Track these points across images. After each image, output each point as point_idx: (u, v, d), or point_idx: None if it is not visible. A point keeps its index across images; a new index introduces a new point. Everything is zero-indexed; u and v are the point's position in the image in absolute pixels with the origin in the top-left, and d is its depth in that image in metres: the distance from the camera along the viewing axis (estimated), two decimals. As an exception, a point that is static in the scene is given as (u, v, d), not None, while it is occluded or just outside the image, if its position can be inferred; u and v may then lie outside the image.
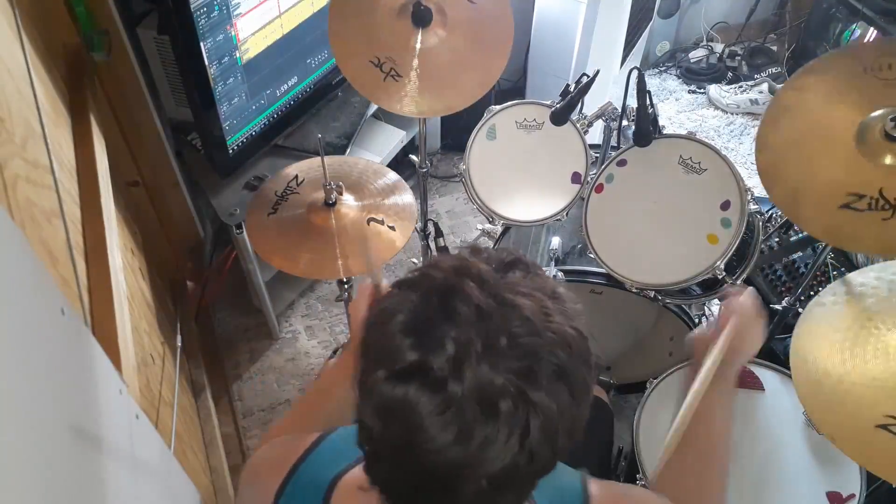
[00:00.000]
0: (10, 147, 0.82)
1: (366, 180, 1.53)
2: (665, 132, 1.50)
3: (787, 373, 1.44)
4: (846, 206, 1.02)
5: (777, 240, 1.81)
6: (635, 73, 1.46)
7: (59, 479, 0.57)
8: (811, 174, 1.08)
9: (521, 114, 1.62)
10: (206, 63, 1.55)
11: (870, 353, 1.10)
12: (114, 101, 1.59)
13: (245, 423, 1.97)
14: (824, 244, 1.39)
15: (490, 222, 1.66)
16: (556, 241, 1.68)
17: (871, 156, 1.06)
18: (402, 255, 2.25)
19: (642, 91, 1.43)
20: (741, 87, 2.90)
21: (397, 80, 1.41)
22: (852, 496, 1.28)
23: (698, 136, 1.48)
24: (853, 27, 2.67)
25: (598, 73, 1.54)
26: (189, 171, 1.91)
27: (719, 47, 3.06)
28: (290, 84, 1.85)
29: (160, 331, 1.57)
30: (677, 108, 2.94)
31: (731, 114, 2.89)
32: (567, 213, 1.58)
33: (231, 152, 1.77)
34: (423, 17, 1.40)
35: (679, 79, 3.06)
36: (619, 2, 2.24)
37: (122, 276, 1.13)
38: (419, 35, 1.41)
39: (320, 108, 2.05)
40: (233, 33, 1.58)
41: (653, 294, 1.53)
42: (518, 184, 1.63)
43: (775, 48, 3.09)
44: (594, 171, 1.57)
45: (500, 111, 1.62)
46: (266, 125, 1.84)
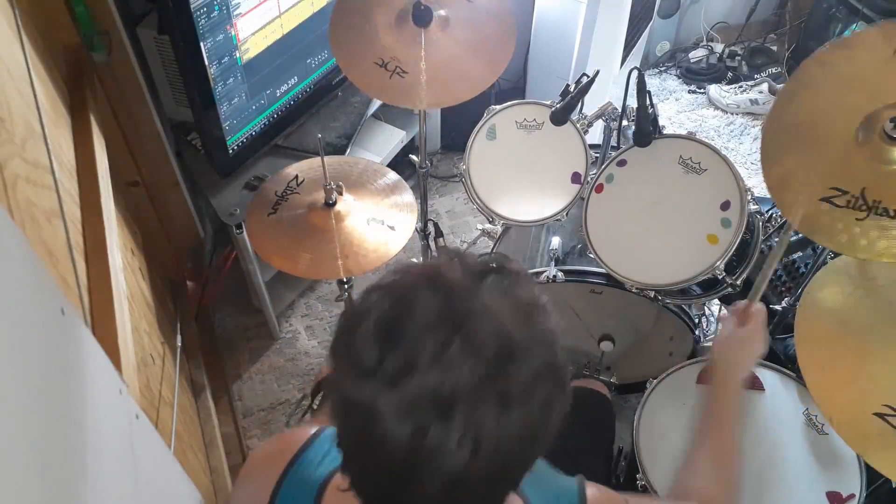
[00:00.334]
0: (10, 147, 0.82)
1: (366, 180, 1.53)
2: (665, 132, 1.50)
3: (788, 373, 1.44)
4: (826, 200, 1.01)
5: (777, 240, 1.80)
6: (635, 73, 1.46)
7: (59, 478, 0.57)
8: (806, 159, 1.07)
9: (521, 114, 1.62)
10: (206, 63, 1.55)
11: (874, 337, 1.09)
12: (114, 101, 1.59)
13: (245, 423, 1.97)
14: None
15: (490, 222, 1.66)
16: (556, 241, 1.68)
17: (867, 152, 1.05)
18: (402, 256, 2.25)
19: (642, 91, 1.43)
20: (741, 87, 2.90)
21: (403, 77, 1.42)
22: (852, 496, 1.28)
23: (698, 136, 1.48)
24: (853, 27, 2.67)
25: (598, 73, 1.54)
26: (189, 171, 1.91)
27: (719, 47, 3.06)
28: (290, 84, 1.85)
29: (160, 331, 1.57)
30: (677, 108, 2.94)
31: (731, 114, 2.89)
32: (567, 213, 1.58)
33: (231, 152, 1.77)
34: (423, 17, 1.40)
35: (679, 79, 3.06)
36: (619, 2, 2.24)
37: (122, 276, 1.13)
38: (422, 34, 1.42)
39: (320, 108, 2.05)
40: (233, 33, 1.58)
41: (653, 294, 1.53)
42: (518, 184, 1.63)
43: (775, 48, 3.09)
44: (594, 171, 1.57)
45: (500, 111, 1.62)
46: (266, 125, 1.84)
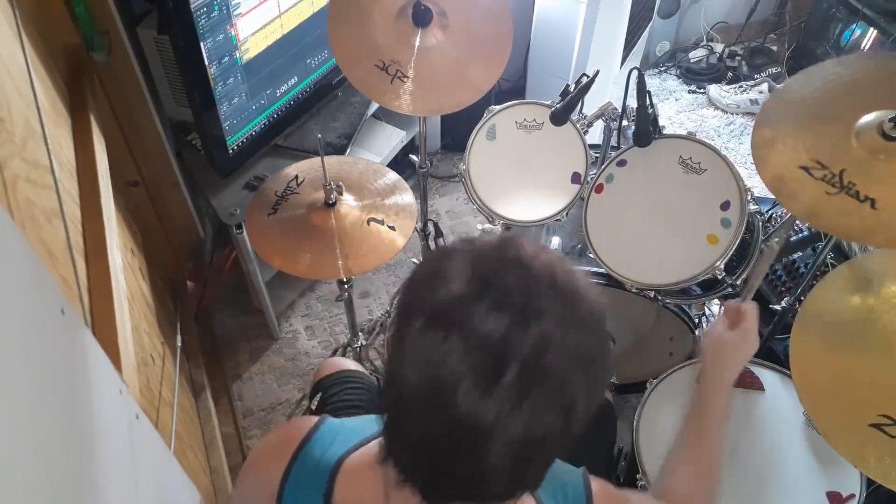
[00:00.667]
0: (10, 147, 0.82)
1: (366, 180, 1.53)
2: (665, 132, 1.50)
3: (787, 373, 1.44)
4: (805, 168, 1.07)
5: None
6: (635, 73, 1.46)
7: (59, 479, 0.57)
8: (800, 130, 1.11)
9: (521, 114, 1.62)
10: (206, 63, 1.55)
11: (868, 349, 1.10)
12: (114, 101, 1.59)
13: (245, 423, 1.97)
14: (824, 244, 1.39)
15: (490, 222, 1.66)
16: (556, 241, 1.68)
17: (862, 144, 1.08)
18: (402, 255, 2.25)
19: (642, 91, 1.43)
20: (741, 87, 2.90)
21: (405, 81, 1.42)
22: (852, 496, 1.28)
23: (698, 136, 1.48)
24: (853, 27, 2.67)
25: (598, 73, 1.54)
26: (189, 171, 1.91)
27: (719, 47, 3.06)
28: (290, 84, 1.85)
29: (160, 331, 1.57)
30: (677, 108, 2.94)
31: (731, 114, 2.89)
32: (567, 213, 1.58)
33: (231, 152, 1.77)
34: (423, 17, 1.40)
35: (679, 79, 3.06)
36: (619, 2, 2.24)
37: (122, 276, 1.13)
38: (420, 34, 1.42)
39: (320, 108, 2.05)
40: (233, 33, 1.58)
41: (653, 294, 1.53)
42: (518, 184, 1.63)
43: (775, 48, 3.09)
44: (594, 171, 1.57)
45: (500, 111, 1.62)
46: (266, 125, 1.84)
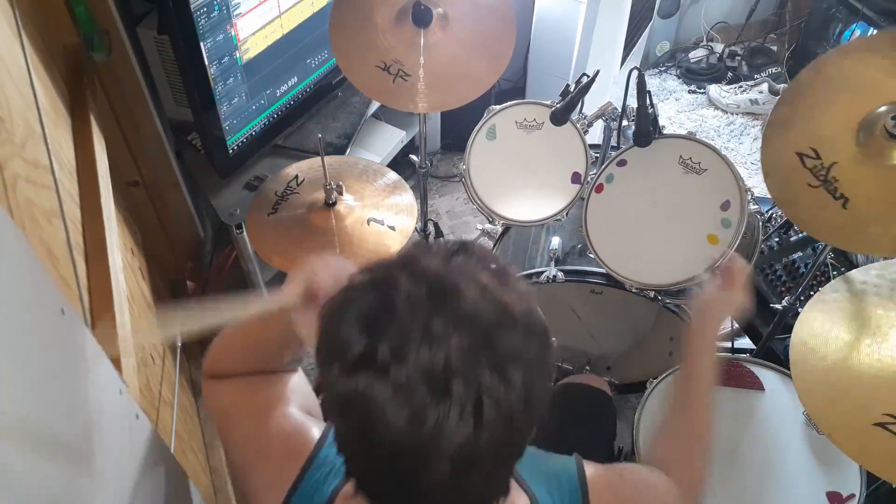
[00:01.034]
0: (10, 147, 0.82)
1: (366, 180, 1.53)
2: (665, 132, 1.50)
3: (788, 373, 1.44)
4: (800, 155, 1.12)
5: (777, 240, 1.81)
6: (635, 73, 1.46)
7: (59, 478, 0.57)
8: (805, 120, 1.14)
9: (521, 114, 1.62)
10: (206, 63, 1.55)
11: (870, 350, 1.10)
12: (114, 101, 1.59)
13: (245, 423, 1.97)
14: (824, 244, 1.39)
15: (490, 222, 1.66)
16: (556, 241, 1.68)
17: (864, 141, 1.10)
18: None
19: (642, 91, 1.43)
20: (741, 87, 2.90)
21: (407, 80, 1.42)
22: (852, 496, 1.28)
23: (698, 136, 1.48)
24: (853, 27, 2.67)
25: (598, 73, 1.54)
26: (189, 171, 1.90)
27: (719, 47, 3.06)
28: (290, 84, 1.85)
29: (160, 331, 1.57)
30: (677, 108, 2.94)
31: (731, 114, 2.89)
32: (567, 213, 1.57)
33: (231, 152, 1.77)
34: (423, 17, 1.40)
35: (679, 79, 3.06)
36: (619, 2, 2.24)
37: (122, 276, 1.12)
38: (421, 34, 1.42)
39: (320, 108, 2.05)
40: (233, 33, 1.58)
41: (653, 294, 1.53)
42: (518, 184, 1.63)
43: (775, 48, 3.09)
44: (594, 171, 1.57)
45: (500, 111, 1.62)
46: (266, 125, 1.84)
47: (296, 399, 0.83)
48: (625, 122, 1.63)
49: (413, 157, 1.78)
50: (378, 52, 1.42)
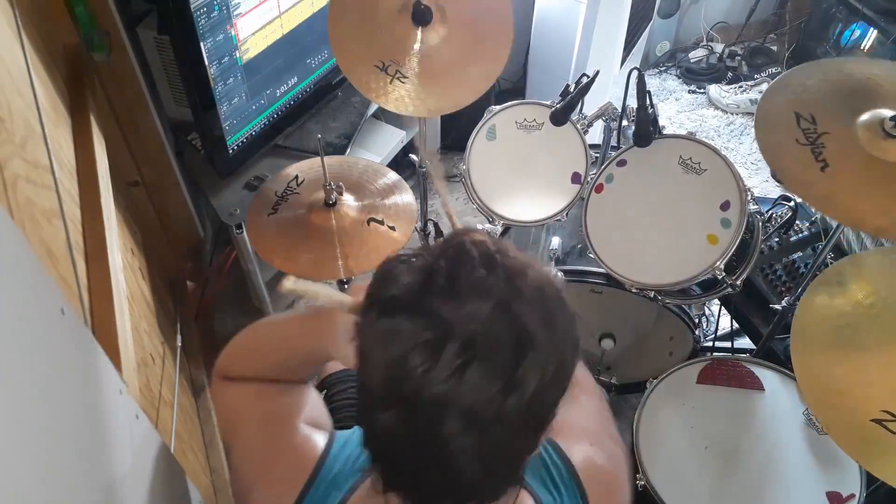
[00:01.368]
0: (10, 147, 0.82)
1: (366, 180, 1.53)
2: (665, 132, 1.50)
3: (787, 373, 1.44)
4: (798, 115, 1.16)
5: (777, 240, 1.81)
6: (635, 73, 1.46)
7: (59, 479, 0.57)
8: (818, 91, 1.18)
9: (521, 114, 1.62)
10: (206, 63, 1.55)
11: (870, 344, 1.10)
12: (114, 101, 1.59)
13: (245, 423, 1.97)
14: (824, 244, 1.39)
15: (490, 222, 1.66)
16: (556, 241, 1.68)
17: (864, 134, 1.12)
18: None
19: (642, 91, 1.43)
20: (741, 87, 2.91)
21: (404, 82, 1.41)
22: (852, 496, 1.28)
23: (698, 136, 1.48)
24: (853, 27, 2.67)
25: (598, 73, 1.54)
26: (189, 171, 1.90)
27: (719, 47, 3.06)
28: (290, 84, 1.85)
29: (160, 331, 1.57)
30: (677, 108, 2.94)
31: (731, 114, 2.90)
32: (567, 213, 1.58)
33: (231, 152, 1.77)
34: (423, 16, 1.40)
35: (679, 79, 3.06)
36: (619, 2, 2.24)
37: (122, 276, 1.12)
38: (420, 34, 1.42)
39: (320, 108, 2.05)
40: (233, 33, 1.58)
41: (653, 294, 1.53)
42: (518, 184, 1.63)
43: (775, 48, 3.09)
44: (594, 171, 1.57)
45: (500, 111, 1.62)
46: (266, 125, 1.84)
47: (305, 411, 0.83)
48: (625, 122, 1.63)
49: (413, 157, 1.78)
50: (376, 49, 1.42)
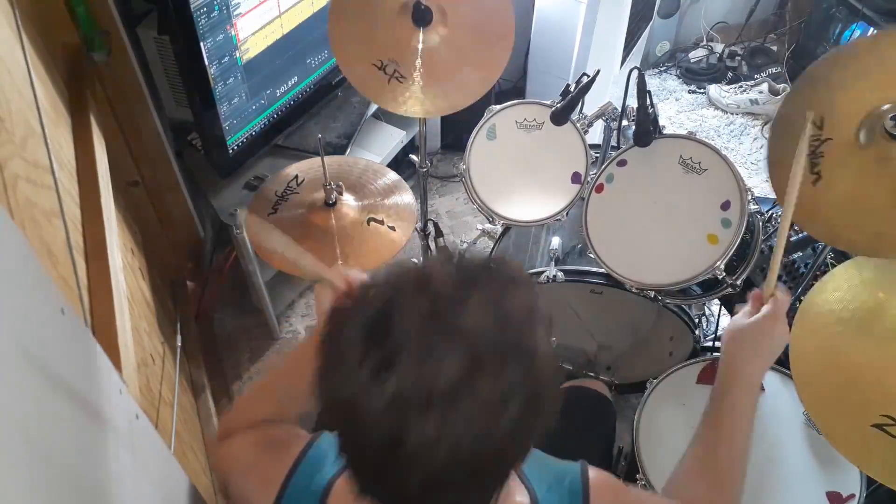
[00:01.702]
0: (10, 147, 0.82)
1: (366, 180, 1.53)
2: (665, 132, 1.50)
3: (787, 373, 1.44)
4: (813, 122, 1.09)
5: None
6: (635, 73, 1.46)
7: (59, 479, 0.57)
8: (838, 88, 1.11)
9: (521, 114, 1.62)
10: (206, 63, 1.55)
11: (870, 348, 1.10)
12: (114, 101, 1.59)
13: (245, 423, 1.97)
14: (824, 244, 1.39)
15: (490, 222, 1.66)
16: (556, 241, 1.68)
17: (864, 138, 1.08)
18: (402, 256, 2.25)
19: (642, 91, 1.43)
20: (741, 87, 2.90)
21: (402, 82, 1.41)
22: (852, 496, 1.28)
23: (698, 136, 1.48)
24: (853, 27, 2.67)
25: (598, 73, 1.54)
26: (189, 171, 1.90)
27: (719, 47, 3.06)
28: (290, 84, 1.85)
29: (160, 331, 1.57)
30: (677, 108, 2.94)
31: (731, 114, 2.89)
32: (567, 213, 1.57)
33: (231, 152, 1.77)
34: (423, 17, 1.40)
35: (679, 79, 3.06)
36: (619, 2, 2.24)
37: (122, 276, 1.12)
38: (420, 35, 1.41)
39: (320, 108, 2.05)
40: (233, 33, 1.58)
41: (653, 294, 1.53)
42: (518, 184, 1.63)
43: (775, 48, 3.09)
44: (594, 171, 1.57)
45: (500, 111, 1.62)
46: (266, 125, 1.84)
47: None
48: (625, 122, 1.63)
49: (413, 157, 1.78)
50: (375, 48, 1.42)
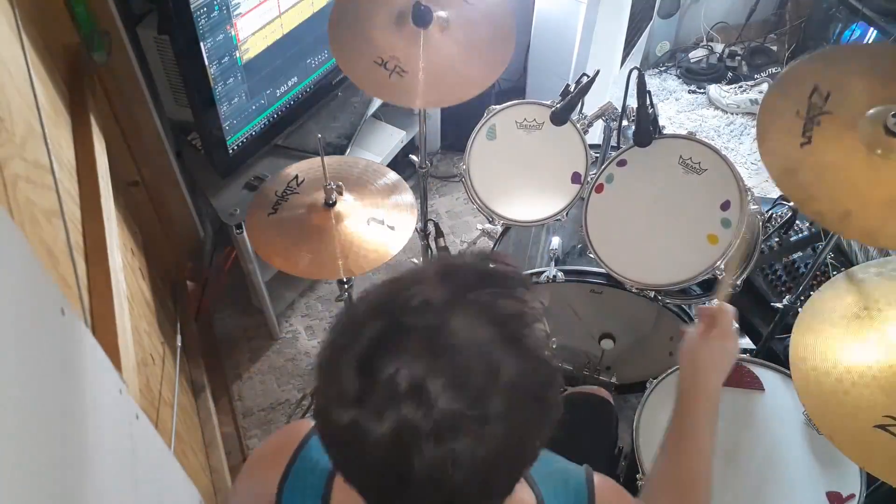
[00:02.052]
0: (10, 147, 0.82)
1: (366, 180, 1.53)
2: (665, 132, 1.50)
3: (788, 373, 1.43)
4: (816, 88, 1.09)
5: (777, 240, 1.81)
6: (635, 73, 1.46)
7: (60, 478, 0.57)
8: (848, 72, 1.11)
9: (521, 114, 1.62)
10: (206, 63, 1.55)
11: (870, 351, 1.10)
12: (114, 101, 1.59)
13: (245, 423, 1.97)
14: (824, 244, 1.39)
15: (490, 222, 1.66)
16: (556, 241, 1.68)
17: (866, 126, 1.08)
18: (402, 256, 2.25)
19: (642, 91, 1.43)
20: (741, 87, 2.90)
21: (403, 76, 1.41)
22: (852, 496, 1.28)
23: (698, 136, 1.48)
24: (853, 27, 2.67)
25: (598, 73, 1.54)
26: (189, 171, 1.91)
27: (719, 47, 3.06)
28: (290, 84, 1.85)
29: (160, 331, 1.57)
30: (677, 108, 2.94)
31: (731, 114, 2.89)
32: (567, 213, 1.57)
33: (231, 152, 1.77)
34: (423, 18, 1.40)
35: (679, 79, 3.06)
36: (619, 2, 2.24)
37: (122, 276, 1.13)
38: (421, 35, 1.41)
39: (320, 108, 2.05)
40: (233, 33, 1.58)
41: (653, 294, 1.53)
42: (518, 184, 1.63)
43: (775, 48, 3.09)
44: (594, 171, 1.57)
45: (500, 111, 1.62)
46: (266, 125, 1.84)
47: None
48: (625, 122, 1.63)
49: (413, 157, 1.78)
50: (376, 48, 1.42)
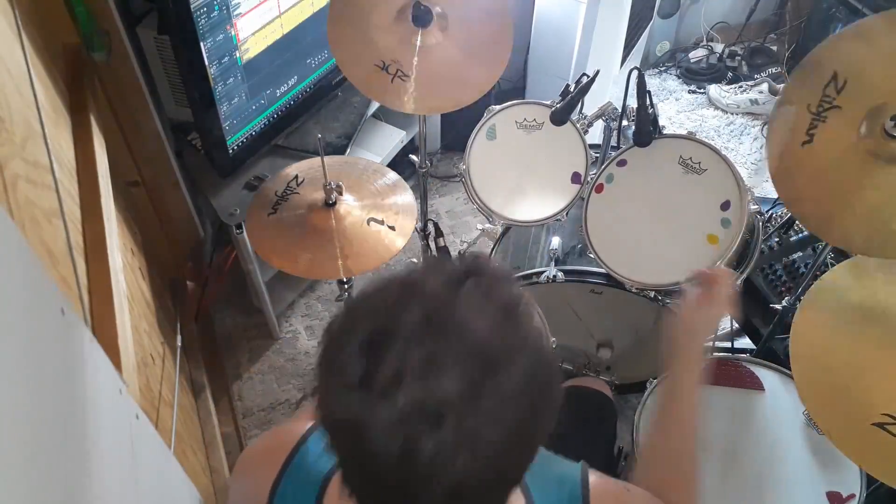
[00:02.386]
0: (10, 147, 0.82)
1: (366, 180, 1.53)
2: (665, 132, 1.50)
3: (787, 373, 1.44)
4: (835, 77, 1.06)
5: (777, 240, 1.81)
6: (635, 73, 1.46)
7: (59, 479, 0.57)
8: (848, 65, 1.09)
9: (521, 114, 1.62)
10: (206, 63, 1.55)
11: (870, 347, 1.10)
12: (114, 101, 1.59)
13: (245, 423, 1.97)
14: (824, 244, 1.39)
15: (490, 222, 1.66)
16: (556, 241, 1.68)
17: (866, 129, 1.07)
18: (402, 255, 2.25)
19: (642, 91, 1.43)
20: (741, 87, 2.90)
21: (405, 81, 1.41)
22: (852, 496, 1.28)
23: (698, 136, 1.48)
24: (853, 27, 2.66)
25: (598, 73, 1.54)
26: (189, 171, 1.90)
27: (719, 47, 3.06)
28: (290, 84, 1.85)
29: (160, 331, 1.57)
30: (677, 108, 2.94)
31: (731, 114, 2.89)
32: (567, 213, 1.57)
33: (231, 152, 1.77)
34: (423, 18, 1.40)
35: (679, 79, 3.06)
36: (619, 2, 2.24)
37: (122, 276, 1.13)
38: (420, 35, 1.42)
39: (320, 108, 2.05)
40: (233, 33, 1.58)
41: (653, 294, 1.53)
42: (518, 184, 1.63)
43: (775, 48, 3.09)
44: (594, 171, 1.57)
45: (500, 111, 1.62)
46: (266, 125, 1.84)
47: None
48: (625, 122, 1.63)
49: (413, 157, 1.78)
50: (376, 50, 1.42)
